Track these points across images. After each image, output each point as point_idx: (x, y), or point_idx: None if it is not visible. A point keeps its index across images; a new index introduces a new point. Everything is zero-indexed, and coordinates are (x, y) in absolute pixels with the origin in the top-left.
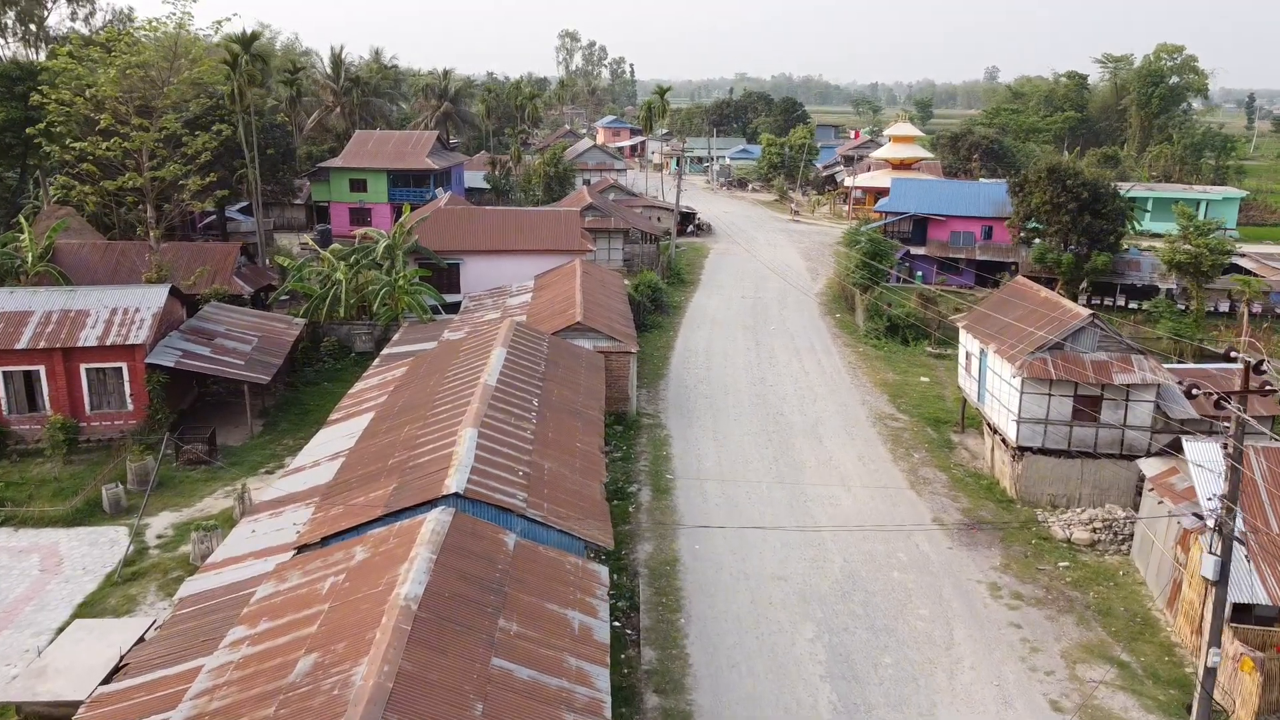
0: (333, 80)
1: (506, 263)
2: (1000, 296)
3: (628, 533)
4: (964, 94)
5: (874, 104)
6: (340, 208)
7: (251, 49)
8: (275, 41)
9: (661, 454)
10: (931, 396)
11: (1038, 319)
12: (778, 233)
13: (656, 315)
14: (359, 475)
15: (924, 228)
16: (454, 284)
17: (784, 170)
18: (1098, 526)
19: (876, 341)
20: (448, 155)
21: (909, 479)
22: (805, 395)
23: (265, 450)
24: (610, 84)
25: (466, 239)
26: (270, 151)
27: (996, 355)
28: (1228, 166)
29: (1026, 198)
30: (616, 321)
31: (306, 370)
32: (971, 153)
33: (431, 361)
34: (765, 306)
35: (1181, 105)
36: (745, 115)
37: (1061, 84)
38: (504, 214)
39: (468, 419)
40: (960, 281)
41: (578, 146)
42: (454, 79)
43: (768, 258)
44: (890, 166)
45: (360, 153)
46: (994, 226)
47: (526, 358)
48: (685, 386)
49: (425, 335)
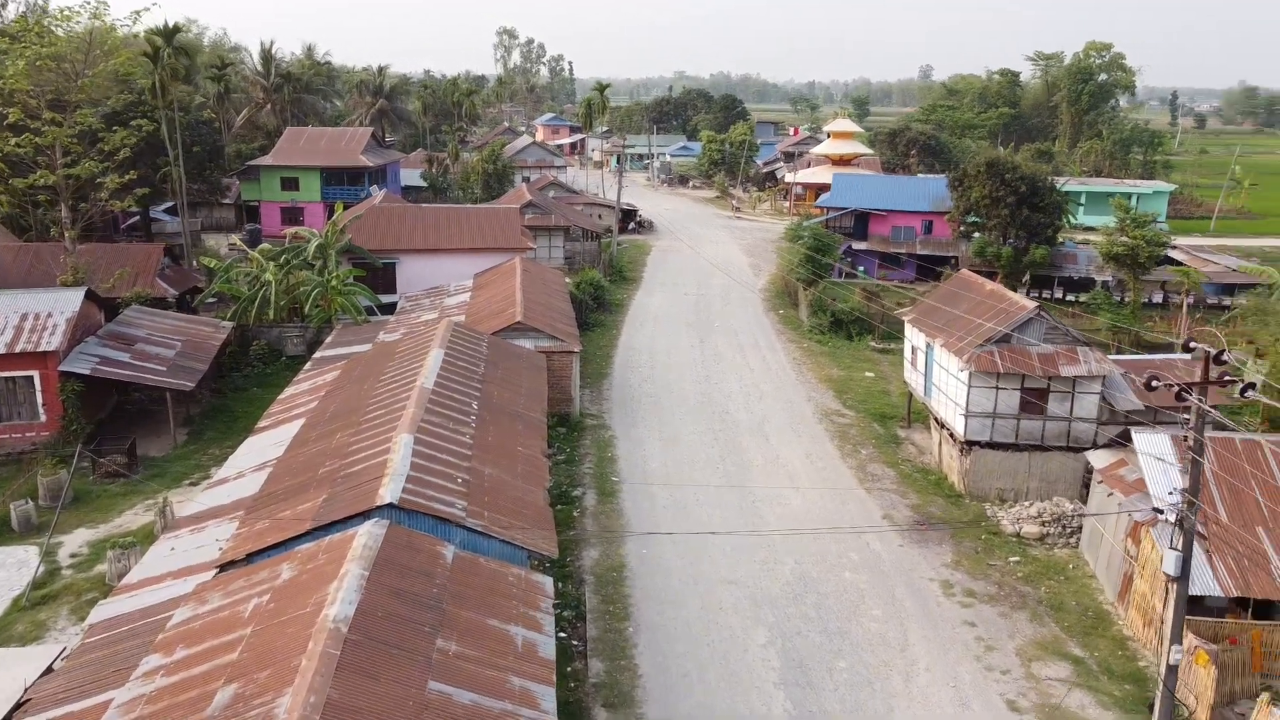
0: (263, 76)
1: (444, 262)
2: (946, 289)
3: (573, 539)
4: (899, 92)
5: (811, 102)
6: (271, 207)
7: (174, 41)
8: (203, 37)
9: (606, 455)
10: (877, 391)
11: (984, 312)
12: (720, 229)
13: (599, 314)
14: (287, 486)
15: (865, 223)
16: (390, 284)
17: (725, 167)
18: (1046, 520)
19: (821, 337)
20: (383, 153)
21: (857, 476)
22: (751, 393)
23: (190, 461)
24: (549, 82)
25: (402, 237)
26: (196, 149)
27: (943, 349)
28: (1155, 161)
29: (966, 192)
30: (558, 320)
31: (235, 376)
32: (909, 148)
33: (366, 364)
34: (709, 303)
35: (1110, 102)
36: (685, 112)
37: (995, 81)
38: (441, 212)
39: (403, 424)
40: (902, 275)
41: (517, 144)
42: (389, 76)
43: (710, 254)
44: (830, 162)
45: (292, 150)
46: (934, 221)
47: (465, 359)
48: (629, 386)
49: (360, 337)
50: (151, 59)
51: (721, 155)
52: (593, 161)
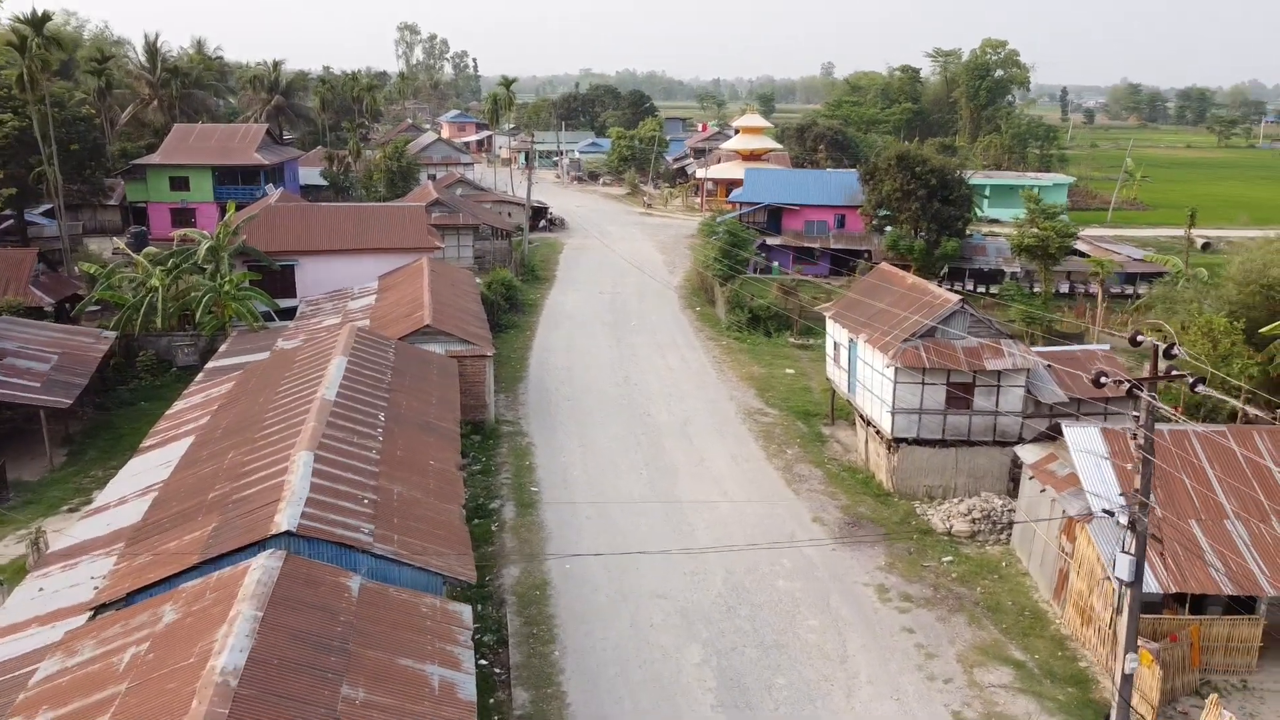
0: (148, 71)
1: (347, 263)
2: (867, 283)
3: (491, 555)
4: (803, 89)
5: (717, 99)
6: (160, 208)
7: (44, 31)
8: (83, 30)
9: (524, 464)
10: (799, 389)
11: (907, 305)
12: (632, 226)
13: (512, 315)
14: (173, 514)
15: (778, 217)
16: (289, 287)
17: (635, 164)
18: (977, 517)
19: (739, 334)
20: (280, 150)
21: (785, 477)
22: (672, 393)
23: (68, 484)
24: (453, 79)
25: (301, 238)
26: (74, 147)
27: (867, 345)
28: (1051, 155)
29: (877, 186)
30: (470, 323)
31: (120, 389)
32: (817, 143)
33: (262, 374)
34: (624, 302)
35: (1006, 97)
36: (593, 109)
37: (896, 78)
38: (342, 210)
39: (302, 440)
40: (816, 270)
41: (421, 140)
42: (286, 72)
43: (624, 251)
44: (741, 158)
45: (181, 148)
46: (847, 215)
47: (370, 367)
48: (546, 389)
49: (256, 345)
50: (18, 49)
51: (631, 152)
52: (500, 159)
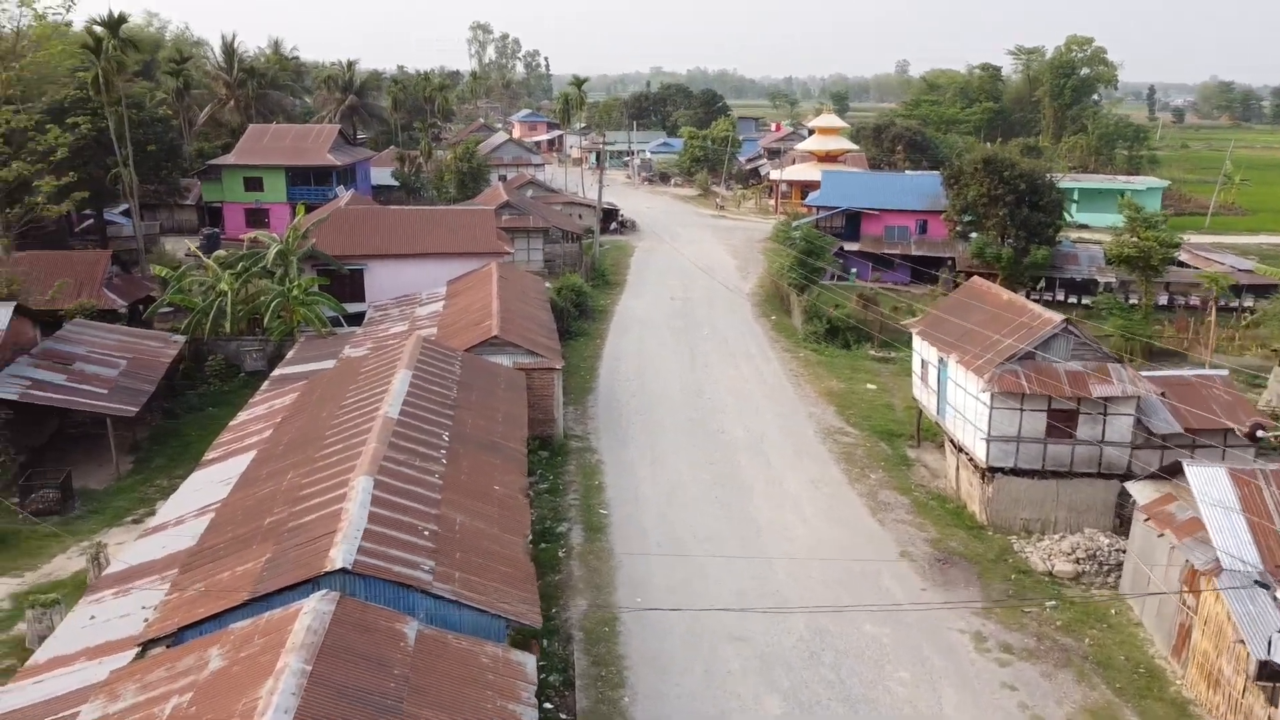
0: (225, 71)
1: (415, 267)
2: (957, 299)
3: (558, 585)
4: (876, 87)
5: (789, 97)
6: (234, 208)
7: (120, 33)
8: (165, 31)
9: (593, 484)
10: (880, 405)
11: (1002, 325)
12: (703, 229)
13: (581, 321)
14: (228, 539)
15: (857, 223)
16: (357, 292)
17: (707, 164)
18: (1081, 557)
19: (816, 346)
20: (352, 151)
21: (868, 505)
22: (746, 408)
23: (133, 494)
24: (525, 78)
25: (370, 242)
26: (151, 148)
27: (960, 366)
28: (1141, 156)
29: (962, 190)
30: (538, 333)
31: (188, 394)
32: (895, 144)
33: (326, 386)
34: (696, 309)
35: (1092, 96)
36: (664, 108)
37: (976, 76)
38: (412, 214)
39: (363, 464)
40: (895, 278)
41: (492, 141)
42: (359, 72)
43: (695, 255)
44: (816, 159)
45: (255, 149)
46: (929, 220)
47: (435, 381)
48: (616, 401)
49: (323, 352)
50: (94, 51)
51: (704, 152)
52: (571, 159)
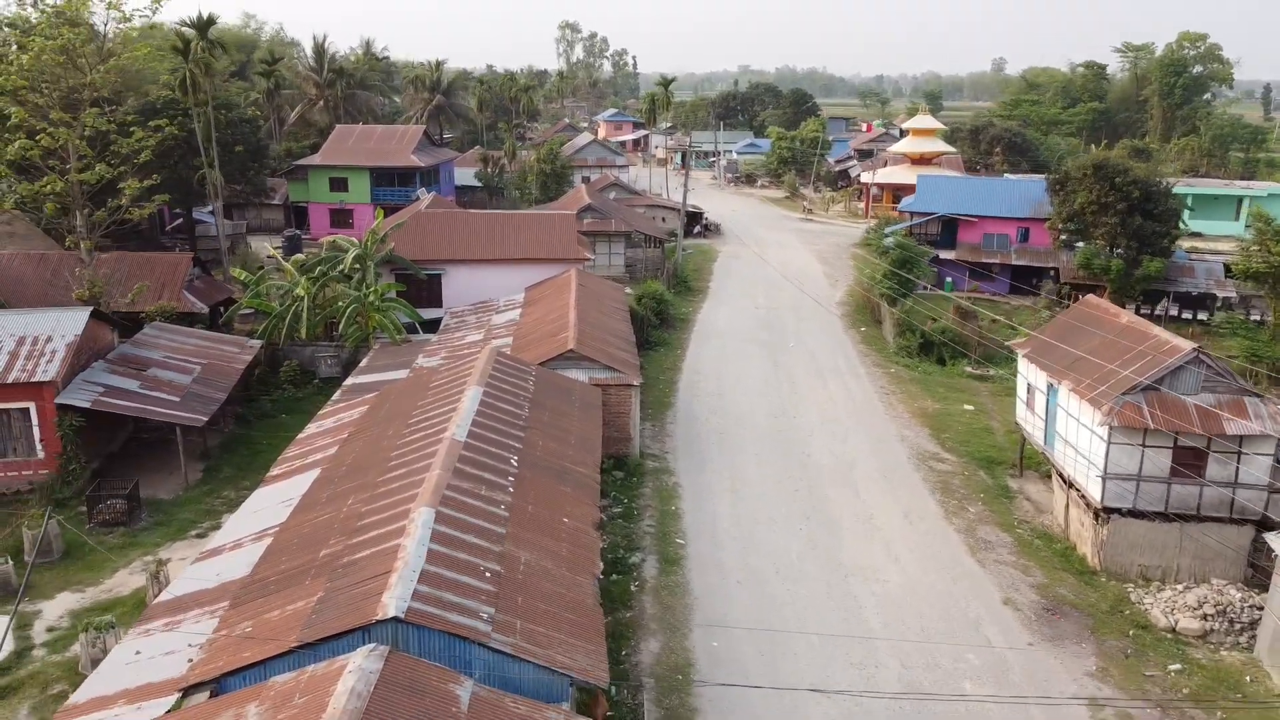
0: (315, 72)
1: (493, 273)
2: (1069, 319)
3: (629, 622)
4: (970, 86)
5: (881, 96)
6: (319, 209)
7: (208, 34)
8: (261, 32)
9: (669, 510)
10: (979, 429)
11: (1122, 351)
12: (790, 233)
13: (662, 331)
14: (281, 571)
15: (953, 229)
16: (435, 297)
17: (795, 166)
18: (1209, 612)
19: (909, 361)
20: (436, 152)
21: (967, 543)
22: (834, 429)
23: (200, 505)
24: (612, 76)
25: (449, 247)
26: (239, 149)
27: (1073, 395)
28: (1258, 160)
29: (1069, 197)
30: (616, 346)
31: (262, 400)
32: (993, 146)
33: (395, 401)
34: (781, 319)
35: (1205, 95)
36: (752, 107)
37: (1079, 74)
38: (491, 218)
39: (424, 493)
40: (994, 288)
41: (576, 141)
42: (446, 71)
43: (780, 261)
44: (909, 161)
45: (340, 149)
46: (1031, 228)
47: (507, 398)
48: (695, 418)
49: (397, 360)
50: (181, 53)
51: (791, 153)
52: (655, 159)
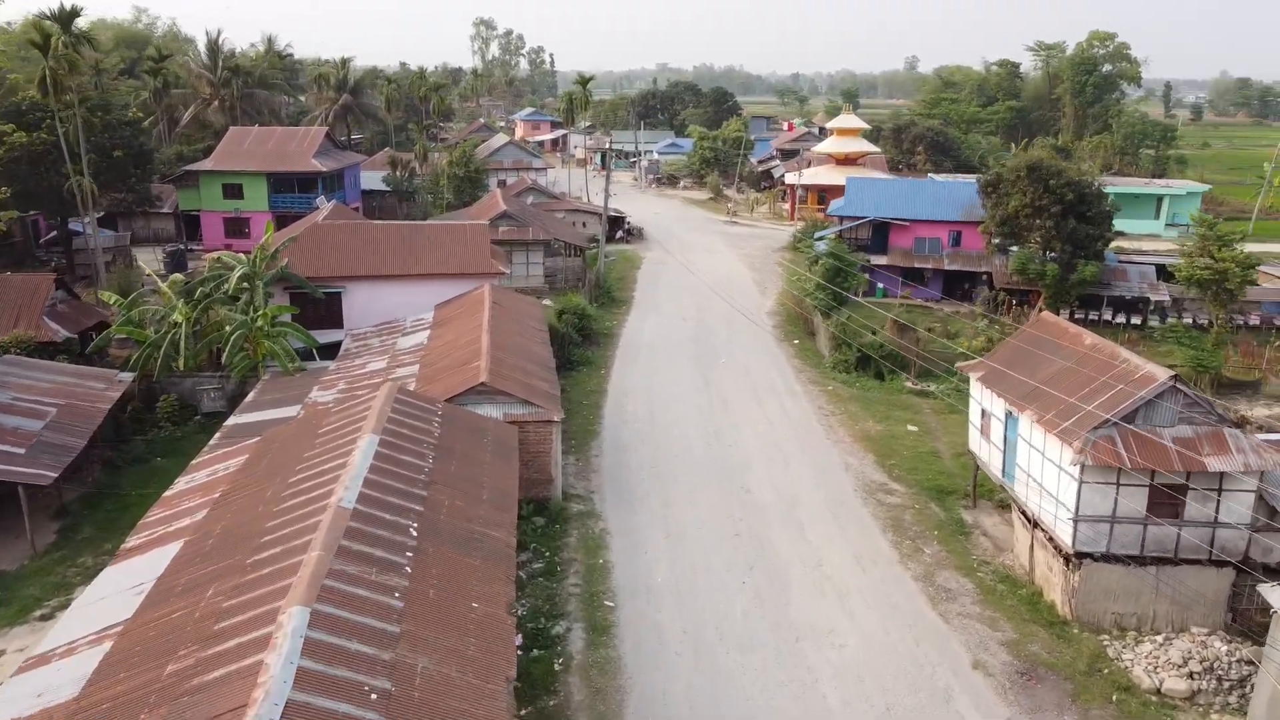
0: (209, 70)
1: (399, 290)
2: (1025, 338)
3: (552, 714)
4: (885, 84)
5: (799, 94)
6: (213, 218)
7: (72, 28)
8: (154, 27)
9: (597, 564)
10: (925, 453)
11: (1087, 379)
12: (715, 236)
13: (585, 348)
14: (116, 696)
15: (884, 234)
16: (334, 318)
17: (718, 167)
18: (1195, 670)
19: (846, 377)
20: (340, 155)
21: (927, 592)
22: (774, 457)
23: (50, 577)
24: (529, 75)
25: (350, 262)
26: (118, 154)
27: (1037, 428)
28: (1168, 157)
29: (1002, 200)
30: (535, 374)
31: (136, 442)
32: (915, 144)
33: (278, 451)
34: (711, 331)
35: (1114, 94)
36: (672, 106)
37: (994, 73)
38: (396, 230)
39: (299, 585)
40: (926, 293)
41: (492, 143)
42: (354, 69)
43: (707, 268)
44: (834, 162)
45: (235, 153)
46: (963, 231)
47: (408, 447)
48: (623, 448)
49: (288, 394)
50: (40, 49)
51: (714, 154)
52: (575, 159)
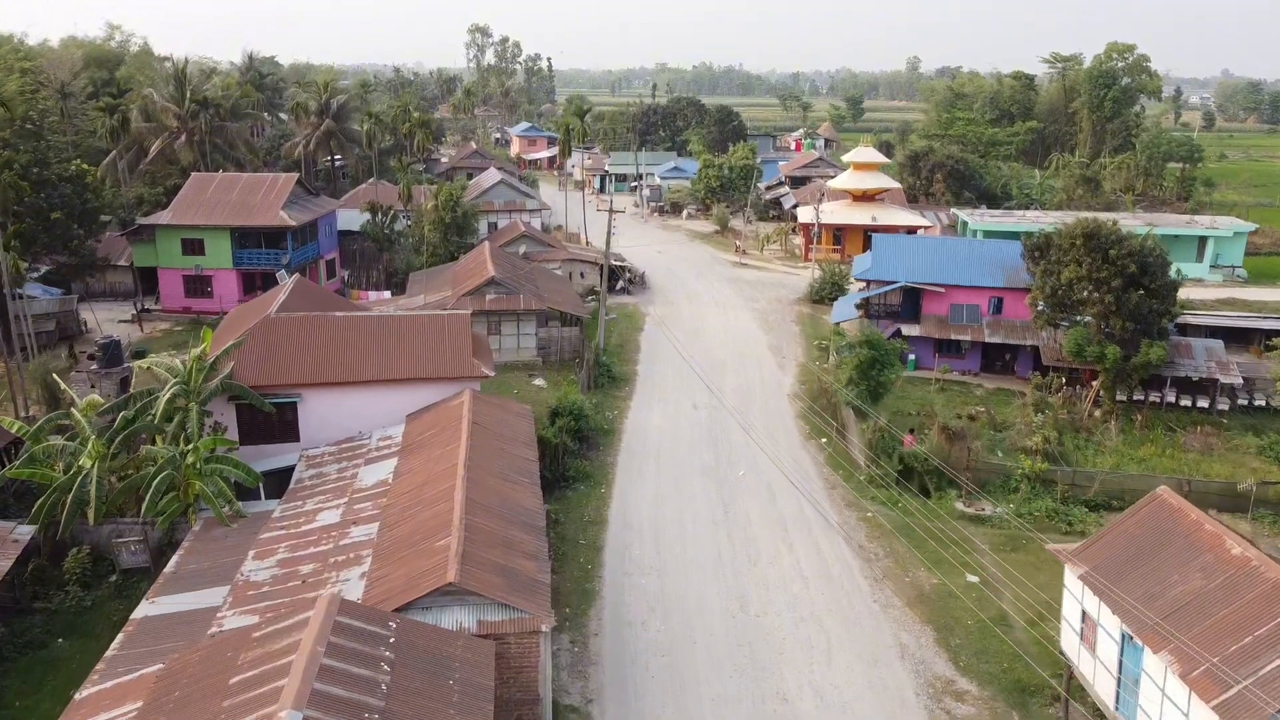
0: (175, 102)
1: (366, 397)
2: (1140, 527)
3: None
4: (886, 85)
5: (800, 98)
6: (172, 276)
7: None
8: (128, 45)
9: None
10: (993, 619)
11: (1247, 614)
12: (724, 283)
13: (581, 457)
14: None
15: (916, 299)
16: (288, 430)
17: (725, 198)
18: None
19: (886, 495)
20: (313, 204)
21: None
22: (814, 641)
23: None
24: (525, 84)
25: (307, 365)
26: (56, 215)
27: (1182, 682)
28: (1194, 177)
29: (1053, 269)
30: (519, 550)
31: (33, 614)
32: (933, 174)
33: (180, 702)
34: (725, 427)
35: (1133, 108)
36: (674, 122)
37: (1008, 85)
38: (362, 325)
39: None
40: (963, 366)
41: (482, 180)
42: (348, 77)
43: (718, 327)
44: (851, 198)
45: (195, 204)
46: (1005, 298)
47: (346, 703)
48: (627, 625)
49: (217, 562)
50: None
51: (720, 183)
52: (573, 180)
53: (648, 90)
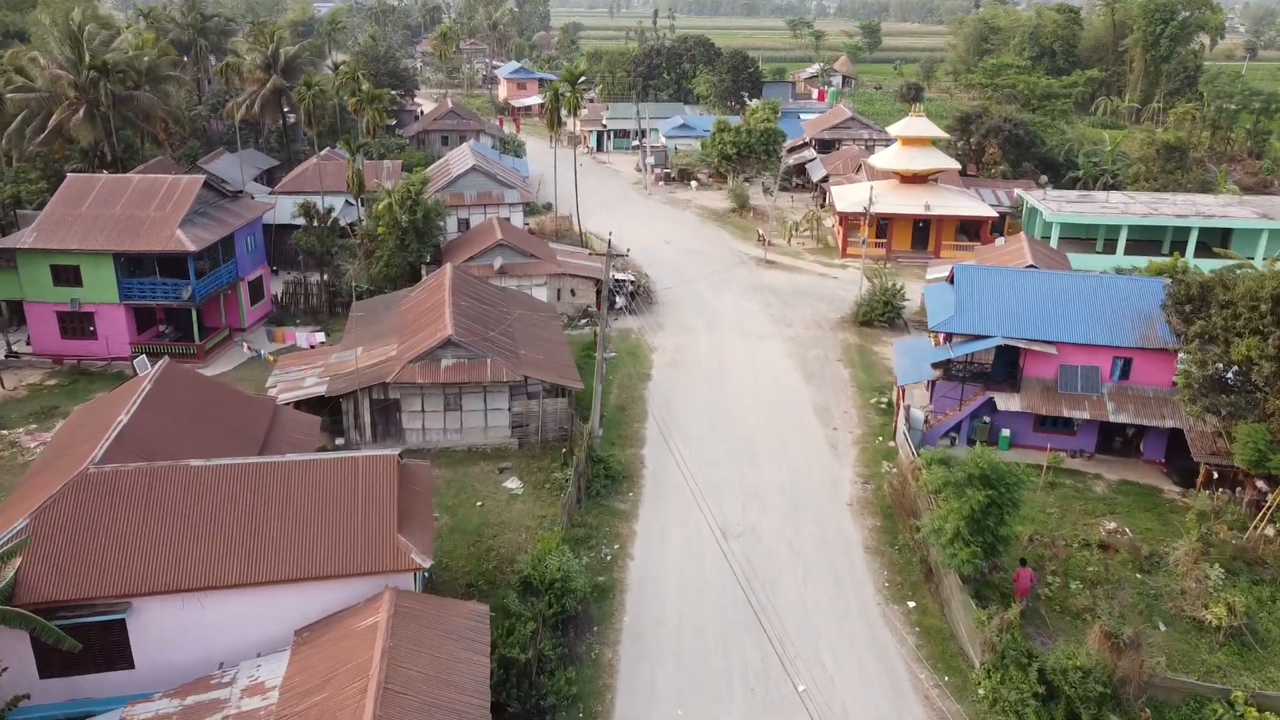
0: (70, 69)
1: (231, 605)
2: None
3: None
4: (897, 6)
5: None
6: (42, 311)
7: None
8: None
9: None
10: None
11: None
12: (748, 292)
13: (565, 668)
14: None
15: (1013, 359)
16: (114, 655)
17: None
18: None
19: None
20: (228, 212)
21: None
22: None
23: None
24: (517, 8)
25: (137, 556)
26: None
27: None
28: (1269, 131)
29: (1215, 333)
30: None
31: None
32: (986, 138)
33: None
34: (770, 573)
35: (1191, 45)
36: (680, 65)
37: (1049, 19)
38: (228, 478)
39: None
40: (1074, 444)
41: (451, 165)
42: (285, 42)
43: (745, 372)
44: (899, 180)
45: (69, 219)
46: (1135, 359)
47: None
48: None
49: None
50: None
51: (737, 150)
52: (568, 135)
53: (648, 11)
